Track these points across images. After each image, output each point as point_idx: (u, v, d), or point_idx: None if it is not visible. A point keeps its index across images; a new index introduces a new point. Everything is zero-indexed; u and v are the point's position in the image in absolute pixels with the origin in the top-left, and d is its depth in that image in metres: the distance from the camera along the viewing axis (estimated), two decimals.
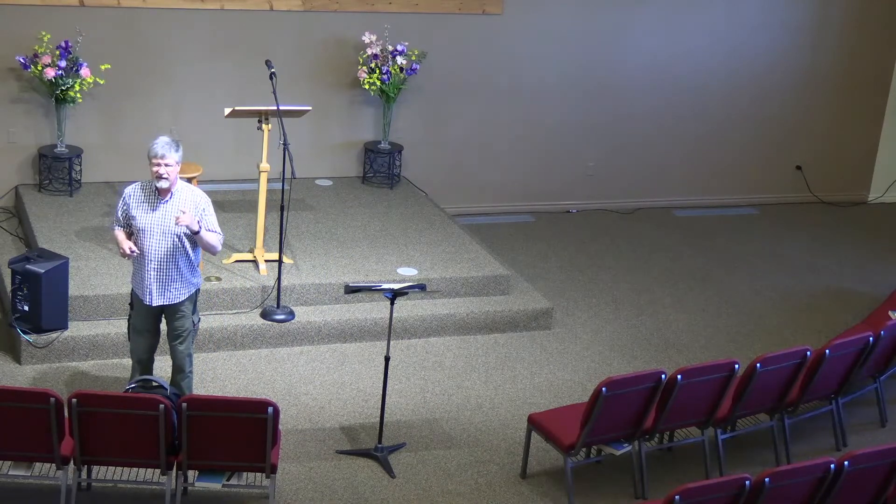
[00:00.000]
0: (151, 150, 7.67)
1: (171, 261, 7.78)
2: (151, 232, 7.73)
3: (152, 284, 7.80)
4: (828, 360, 8.35)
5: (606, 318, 10.49)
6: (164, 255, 7.76)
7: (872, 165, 13.85)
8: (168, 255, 7.77)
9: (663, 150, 12.94)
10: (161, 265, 7.78)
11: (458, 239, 10.78)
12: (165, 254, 7.76)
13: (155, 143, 7.69)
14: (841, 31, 13.22)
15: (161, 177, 7.66)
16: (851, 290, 11.46)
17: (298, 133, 10.71)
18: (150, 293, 7.82)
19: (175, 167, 7.71)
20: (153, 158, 7.65)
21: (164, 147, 7.65)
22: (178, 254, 7.79)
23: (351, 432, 8.45)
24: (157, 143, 7.67)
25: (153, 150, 7.66)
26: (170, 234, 7.73)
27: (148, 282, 7.80)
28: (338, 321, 9.56)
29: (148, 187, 7.81)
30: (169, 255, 7.77)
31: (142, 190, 7.82)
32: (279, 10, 11.25)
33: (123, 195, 7.86)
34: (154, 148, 7.67)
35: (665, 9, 12.48)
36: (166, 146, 7.66)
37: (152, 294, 7.83)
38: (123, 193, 7.87)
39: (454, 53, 11.88)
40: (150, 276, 7.78)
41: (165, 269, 7.80)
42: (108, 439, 7.08)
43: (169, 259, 7.77)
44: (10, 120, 10.81)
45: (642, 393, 7.71)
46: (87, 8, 10.74)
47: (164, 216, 7.73)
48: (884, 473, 7.25)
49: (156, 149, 7.66)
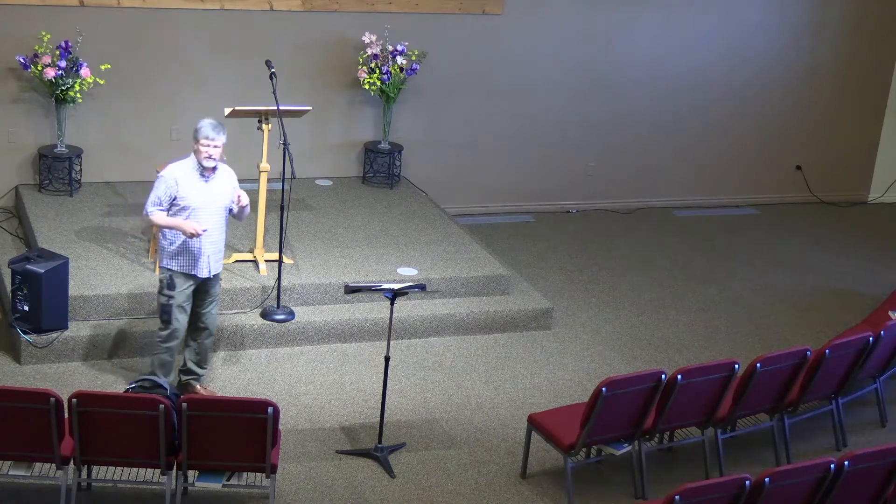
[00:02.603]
0: (201, 132, 8.05)
1: (221, 233, 8.32)
2: (206, 208, 8.17)
3: (209, 257, 8.24)
4: (828, 360, 8.35)
5: (606, 318, 10.49)
6: (217, 229, 8.25)
7: (872, 165, 13.86)
8: (220, 228, 8.29)
9: (663, 150, 12.94)
10: (216, 238, 8.25)
11: (458, 239, 10.78)
12: (218, 227, 8.26)
13: (203, 125, 8.08)
14: (841, 31, 13.23)
15: (211, 157, 8.06)
16: (851, 290, 11.46)
17: (298, 133, 10.71)
18: (207, 266, 8.25)
19: (221, 148, 8.15)
20: (203, 140, 8.06)
21: (213, 129, 8.07)
22: (225, 226, 8.36)
23: (351, 432, 8.45)
24: (206, 126, 8.07)
25: (203, 132, 8.04)
26: (222, 208, 8.24)
27: (204, 256, 8.19)
28: (338, 321, 9.56)
29: (188, 167, 8.14)
30: (220, 228, 8.30)
31: (184, 171, 8.15)
32: (279, 10, 11.25)
33: (167, 178, 8.13)
34: (204, 129, 8.07)
35: (665, 9, 12.48)
36: (216, 128, 8.09)
37: (209, 266, 8.27)
38: (166, 177, 8.15)
39: (454, 53, 11.88)
40: (207, 249, 8.20)
41: (218, 242, 8.29)
42: (108, 439, 7.08)
43: (220, 231, 8.30)
44: (10, 120, 10.81)
45: (642, 393, 7.71)
46: (87, 8, 10.75)
47: (214, 192, 8.19)
48: (884, 473, 7.25)
49: (206, 130, 8.06)
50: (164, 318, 8.28)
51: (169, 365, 8.40)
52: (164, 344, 8.33)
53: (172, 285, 8.21)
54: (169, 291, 8.22)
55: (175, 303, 8.24)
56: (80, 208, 10.62)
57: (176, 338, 8.34)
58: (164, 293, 8.25)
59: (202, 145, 8.07)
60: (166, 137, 11.19)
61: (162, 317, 8.29)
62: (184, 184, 8.11)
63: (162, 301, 8.27)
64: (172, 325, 8.28)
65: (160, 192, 8.14)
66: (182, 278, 8.21)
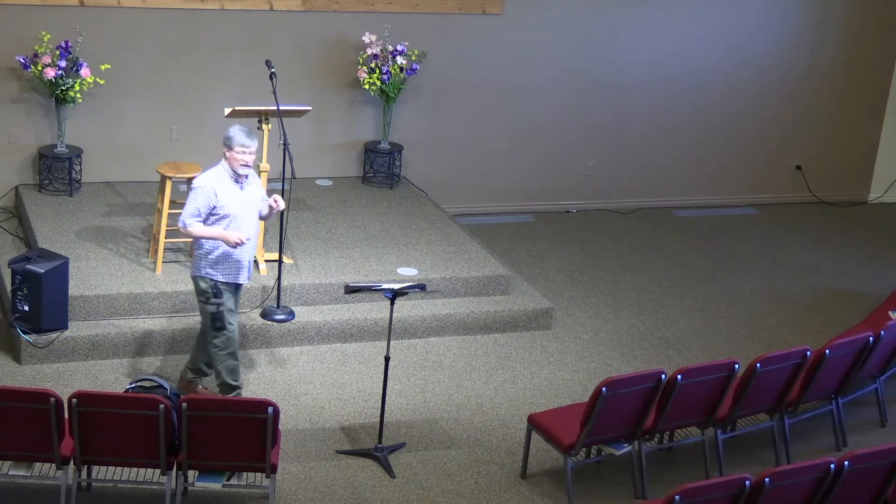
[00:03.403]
0: (235, 140, 7.97)
1: (256, 237, 8.40)
2: (244, 215, 8.15)
3: (250, 262, 8.28)
4: (828, 360, 8.35)
5: (606, 318, 10.49)
6: (254, 233, 8.30)
7: (872, 165, 13.86)
8: (256, 233, 8.37)
9: (663, 150, 12.94)
10: (254, 243, 8.29)
11: (458, 239, 10.78)
12: (255, 232, 8.33)
13: (236, 133, 8.00)
14: (841, 31, 13.23)
15: (247, 164, 8.05)
16: (851, 290, 11.46)
17: (298, 133, 10.71)
18: (248, 270, 8.30)
19: (255, 154, 8.10)
20: (238, 147, 7.99)
21: (248, 136, 8.02)
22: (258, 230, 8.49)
23: (351, 432, 8.45)
24: (240, 133, 8.01)
25: (238, 140, 7.97)
26: (256, 213, 8.28)
27: (245, 262, 8.22)
28: (338, 321, 9.56)
29: (222, 176, 8.08)
30: (256, 233, 8.38)
31: (219, 180, 8.09)
32: (279, 10, 11.25)
33: (205, 189, 8.03)
34: (239, 137, 8.00)
35: (665, 9, 12.48)
36: (250, 135, 8.04)
37: (249, 270, 8.32)
38: (204, 187, 8.03)
39: (454, 53, 11.88)
40: (247, 255, 8.22)
41: (253, 246, 8.31)
42: (108, 439, 7.08)
43: (256, 236, 8.36)
44: (10, 120, 10.81)
45: (642, 393, 7.71)
46: (87, 8, 10.74)
47: (249, 198, 8.19)
48: (884, 473, 7.25)
49: (241, 138, 8.00)
50: (217, 327, 8.24)
51: (237, 369, 8.38)
52: (225, 351, 8.30)
53: (219, 293, 8.19)
54: (217, 300, 8.19)
55: (225, 308, 8.23)
56: (80, 208, 10.62)
57: (234, 341, 8.32)
58: (213, 302, 8.19)
59: (238, 153, 7.99)
60: (166, 137, 11.20)
61: (215, 325, 8.24)
62: (222, 193, 8.04)
63: (212, 310, 8.21)
64: (228, 330, 8.27)
65: (199, 204, 8.02)
66: (227, 286, 8.21)
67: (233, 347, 8.31)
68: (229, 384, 8.32)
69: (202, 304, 8.26)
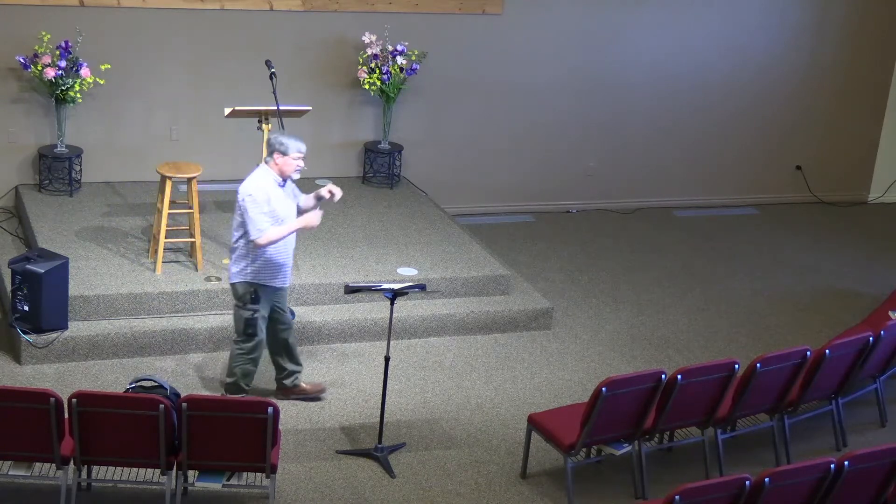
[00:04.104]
0: (292, 146, 8.12)
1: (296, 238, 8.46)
2: (290, 217, 8.23)
3: (292, 265, 8.37)
4: (828, 360, 8.35)
5: (606, 318, 10.49)
6: (294, 239, 8.38)
7: (872, 165, 13.86)
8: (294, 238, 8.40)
9: (663, 150, 12.94)
10: (295, 244, 8.41)
11: (458, 239, 10.78)
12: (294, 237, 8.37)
13: (288, 140, 8.13)
14: (841, 31, 13.23)
15: (299, 170, 8.19)
16: (851, 290, 11.46)
17: (298, 133, 10.66)
18: (290, 274, 8.37)
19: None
20: (295, 154, 8.13)
21: (302, 141, 8.16)
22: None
23: (351, 432, 8.45)
24: (297, 140, 8.16)
25: (295, 146, 8.13)
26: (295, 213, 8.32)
27: (290, 264, 8.31)
28: (338, 321, 9.56)
29: (270, 181, 8.15)
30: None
31: (269, 186, 8.14)
32: (279, 10, 11.25)
33: (261, 197, 8.04)
34: (295, 144, 8.12)
35: (665, 9, 12.48)
36: (300, 140, 8.16)
37: (291, 275, 8.41)
38: (259, 196, 8.05)
39: (454, 53, 11.88)
40: (292, 258, 8.32)
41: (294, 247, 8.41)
42: (108, 439, 7.08)
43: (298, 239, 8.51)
44: (10, 120, 10.81)
45: (642, 393, 7.71)
46: (87, 8, 10.75)
47: (292, 200, 8.30)
48: (884, 473, 7.25)
49: (297, 144, 8.14)
50: (248, 332, 8.26)
51: (252, 374, 8.43)
52: (250, 355, 8.33)
53: (257, 299, 8.21)
54: (254, 305, 8.22)
55: (260, 315, 8.26)
56: (80, 208, 10.62)
57: (261, 348, 8.38)
58: (249, 307, 8.21)
59: (294, 159, 8.10)
60: (166, 137, 11.20)
61: (247, 330, 8.26)
62: (274, 198, 8.11)
63: (246, 315, 8.23)
64: (258, 336, 8.31)
65: (263, 210, 8.04)
66: (268, 290, 8.23)
67: (257, 354, 8.37)
68: (240, 387, 8.38)
69: (237, 308, 8.28)
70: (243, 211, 8.06)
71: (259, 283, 8.18)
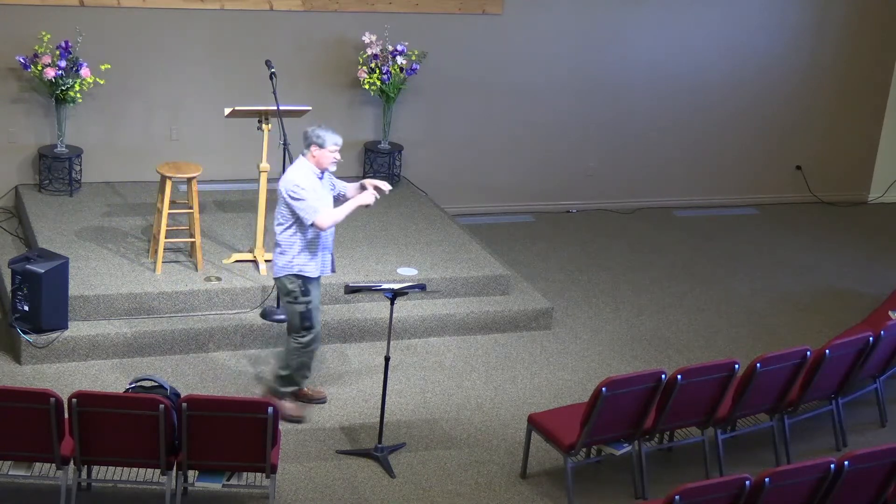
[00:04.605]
0: (328, 139, 8.13)
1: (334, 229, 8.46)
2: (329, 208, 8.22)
3: (332, 255, 8.39)
4: (828, 360, 8.35)
5: (606, 318, 10.49)
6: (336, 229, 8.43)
7: (872, 165, 13.86)
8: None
9: (663, 150, 12.94)
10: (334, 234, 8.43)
11: (458, 239, 10.78)
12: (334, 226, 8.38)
13: (325, 132, 8.16)
14: (841, 31, 13.23)
15: (337, 161, 8.22)
16: (851, 290, 11.46)
17: (298, 133, 10.67)
18: (332, 263, 8.40)
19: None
20: (331, 146, 8.15)
21: (339, 136, 8.19)
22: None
23: (351, 432, 8.45)
24: (329, 132, 8.18)
25: (331, 139, 8.14)
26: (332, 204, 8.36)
27: (330, 253, 8.34)
28: (338, 321, 9.56)
29: (309, 174, 8.18)
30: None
31: (311, 178, 8.17)
32: (279, 10, 11.25)
33: (305, 187, 8.08)
34: (331, 136, 8.13)
35: (665, 9, 12.48)
36: (336, 132, 8.19)
37: (334, 263, 8.44)
38: (306, 185, 8.08)
39: (454, 53, 11.88)
40: (331, 247, 8.35)
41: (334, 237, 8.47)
42: (108, 439, 7.08)
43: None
44: (10, 120, 10.82)
45: (642, 393, 7.71)
46: (87, 8, 10.75)
47: (329, 192, 8.31)
48: (884, 473, 7.25)
49: (333, 137, 8.15)
50: (305, 325, 8.29)
51: (308, 366, 8.47)
52: (307, 348, 8.36)
53: (307, 291, 8.25)
54: (305, 298, 8.25)
55: (313, 306, 8.30)
56: (80, 208, 10.62)
57: (318, 339, 8.41)
58: (301, 300, 8.24)
59: (330, 151, 8.13)
60: (166, 137, 11.20)
61: (303, 324, 8.29)
62: (317, 189, 8.16)
63: (300, 309, 8.26)
64: (315, 328, 8.34)
65: (312, 196, 8.08)
66: (313, 282, 8.27)
67: (316, 346, 8.42)
68: (294, 379, 8.44)
69: (290, 304, 8.29)
70: (291, 203, 8.09)
71: (306, 275, 8.21)
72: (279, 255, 8.24)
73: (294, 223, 8.14)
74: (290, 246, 8.19)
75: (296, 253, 8.19)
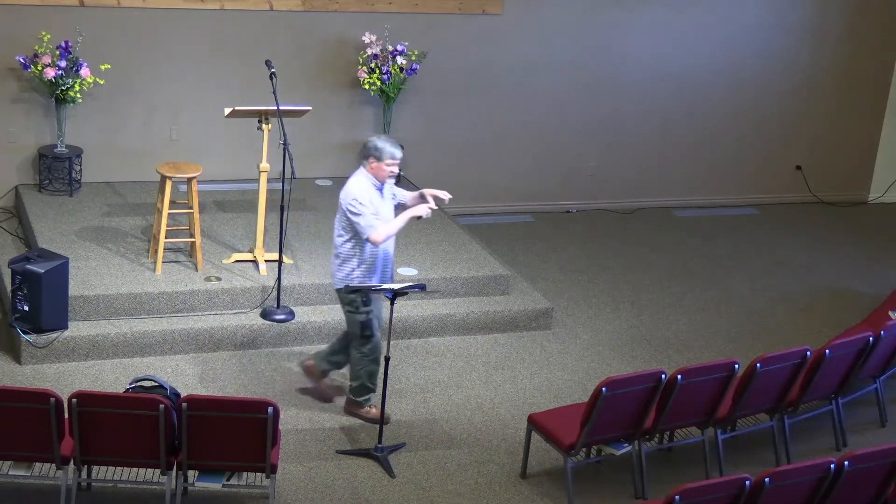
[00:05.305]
0: (386, 152, 8.19)
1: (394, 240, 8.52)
2: (388, 219, 8.30)
3: (393, 267, 8.48)
4: (828, 360, 8.35)
5: (606, 318, 10.49)
6: (394, 241, 8.46)
7: (872, 165, 13.86)
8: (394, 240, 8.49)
9: (663, 150, 12.94)
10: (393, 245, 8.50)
11: (458, 239, 10.78)
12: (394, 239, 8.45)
13: (385, 144, 8.22)
14: (840, 31, 13.23)
15: (394, 175, 8.31)
16: (851, 290, 11.46)
17: (298, 133, 10.71)
18: (392, 275, 8.47)
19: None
20: (389, 160, 8.21)
21: (397, 148, 8.26)
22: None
23: (351, 432, 8.45)
24: (389, 145, 8.25)
25: (389, 152, 8.20)
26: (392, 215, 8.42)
27: (390, 266, 8.42)
28: (338, 321, 9.55)
29: (368, 186, 8.23)
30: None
31: (369, 190, 8.22)
32: (279, 10, 11.25)
33: (361, 199, 8.12)
34: (389, 149, 8.19)
35: (665, 9, 12.48)
36: (396, 145, 8.27)
37: (393, 275, 8.51)
38: (363, 198, 8.13)
39: (454, 53, 11.88)
40: (391, 262, 8.42)
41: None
42: (108, 439, 7.08)
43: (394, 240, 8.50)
44: (10, 120, 10.81)
45: (642, 393, 7.71)
46: (87, 8, 10.75)
47: (389, 203, 8.40)
48: (884, 473, 7.25)
49: (391, 150, 8.21)
50: (366, 335, 8.33)
51: (377, 372, 8.48)
52: (371, 356, 8.40)
53: (368, 301, 8.29)
54: (365, 308, 8.29)
55: (373, 316, 8.35)
56: (80, 208, 10.62)
57: (379, 347, 8.43)
58: (361, 311, 8.28)
59: (387, 165, 8.19)
60: (166, 137, 11.20)
61: (364, 333, 8.33)
62: (375, 202, 8.20)
63: (360, 319, 8.30)
64: (375, 337, 8.38)
65: (369, 210, 8.12)
66: (372, 293, 8.29)
67: (378, 353, 8.42)
68: (367, 386, 8.48)
69: (350, 314, 8.32)
70: (350, 215, 8.13)
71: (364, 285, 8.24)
72: (339, 267, 8.31)
73: (353, 235, 8.20)
74: (350, 258, 8.24)
75: (355, 266, 8.25)
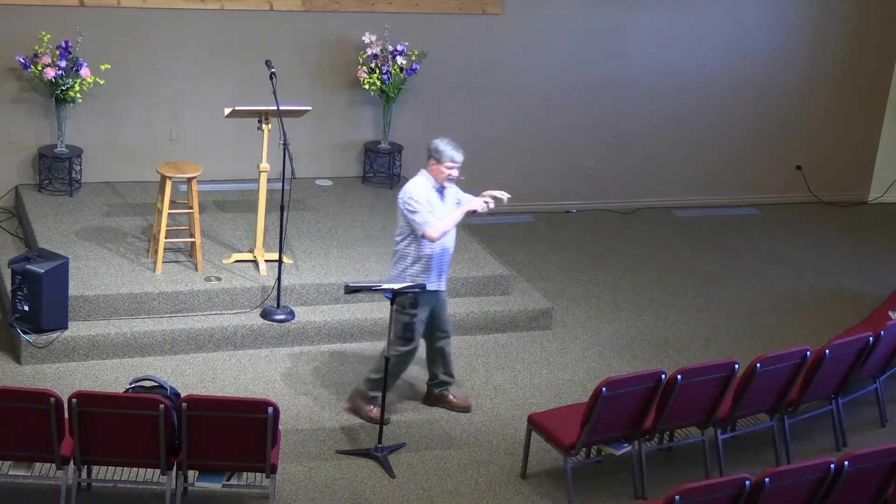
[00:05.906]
0: (446, 154, 8.18)
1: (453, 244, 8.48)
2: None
3: (447, 270, 8.45)
4: (828, 360, 8.35)
5: (606, 318, 10.49)
6: (454, 242, 8.43)
7: (872, 165, 13.85)
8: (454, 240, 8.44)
9: (663, 150, 12.94)
10: (453, 250, 8.45)
11: (458, 239, 10.75)
12: (454, 240, 8.43)
13: (446, 147, 8.22)
14: (840, 31, 13.22)
15: (453, 178, 8.27)
16: (851, 290, 11.46)
17: (298, 133, 10.71)
18: (445, 279, 8.46)
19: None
20: (449, 162, 8.19)
21: (459, 151, 8.24)
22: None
23: (351, 432, 8.45)
24: (451, 148, 8.23)
25: (449, 155, 8.18)
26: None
27: (446, 267, 8.40)
28: (338, 321, 9.56)
29: (427, 187, 8.23)
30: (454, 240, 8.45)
31: (428, 191, 8.22)
32: (279, 10, 11.25)
33: (417, 198, 8.13)
34: (450, 152, 8.18)
35: (665, 9, 12.48)
36: (458, 149, 8.24)
37: (446, 279, 8.48)
38: (420, 198, 8.14)
39: (454, 53, 11.88)
40: (447, 262, 8.39)
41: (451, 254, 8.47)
42: (108, 439, 7.08)
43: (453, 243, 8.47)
44: (10, 120, 10.81)
45: (642, 393, 7.71)
46: (87, 8, 10.75)
47: (450, 207, 8.33)
48: (884, 473, 7.25)
49: (452, 153, 8.19)
50: (407, 337, 8.33)
51: (399, 376, 8.50)
52: (405, 358, 8.40)
53: (416, 304, 8.29)
54: (412, 310, 8.29)
55: (418, 319, 8.33)
56: (80, 208, 10.62)
57: (413, 355, 8.44)
58: (408, 311, 8.29)
59: (447, 167, 8.19)
60: (166, 137, 11.20)
61: (405, 335, 8.33)
62: (433, 202, 8.20)
63: (405, 319, 8.30)
64: (414, 342, 8.38)
65: (426, 209, 8.13)
66: (426, 296, 8.28)
67: (410, 359, 8.44)
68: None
69: (397, 312, 8.29)
70: (406, 213, 8.15)
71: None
72: (394, 264, 8.34)
73: (410, 234, 8.21)
74: (405, 257, 8.26)
75: (409, 264, 8.26)
